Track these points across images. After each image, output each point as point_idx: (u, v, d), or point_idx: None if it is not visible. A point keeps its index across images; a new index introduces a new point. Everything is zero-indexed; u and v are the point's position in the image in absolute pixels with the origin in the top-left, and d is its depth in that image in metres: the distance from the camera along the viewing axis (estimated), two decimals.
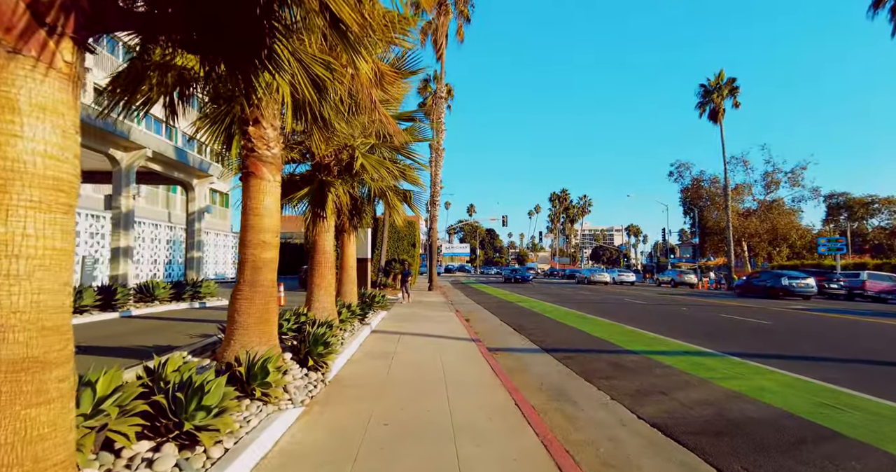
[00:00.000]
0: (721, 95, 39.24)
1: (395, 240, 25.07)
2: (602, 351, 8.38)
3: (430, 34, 29.21)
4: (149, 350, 6.47)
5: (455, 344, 8.58)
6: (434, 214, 29.59)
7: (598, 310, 16.15)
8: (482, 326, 12.00)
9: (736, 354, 7.94)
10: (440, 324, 11.36)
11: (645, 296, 25.30)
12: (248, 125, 4.74)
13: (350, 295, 10.34)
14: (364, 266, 14.32)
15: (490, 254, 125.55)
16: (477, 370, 6.50)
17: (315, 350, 5.49)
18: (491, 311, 15.85)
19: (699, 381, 6.13)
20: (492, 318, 13.85)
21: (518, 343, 9.40)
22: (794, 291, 23.04)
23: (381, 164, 6.94)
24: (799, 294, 22.97)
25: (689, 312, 16.00)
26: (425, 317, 12.69)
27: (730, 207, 40.45)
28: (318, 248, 7.39)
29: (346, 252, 10.30)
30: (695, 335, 10.14)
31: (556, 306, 17.54)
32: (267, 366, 3.98)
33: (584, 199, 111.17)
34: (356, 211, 8.95)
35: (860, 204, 62.39)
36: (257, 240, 4.73)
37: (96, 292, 9.74)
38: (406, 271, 16.53)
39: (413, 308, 15.22)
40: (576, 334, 10.54)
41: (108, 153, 10.02)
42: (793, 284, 23.17)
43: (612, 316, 14.09)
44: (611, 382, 6.22)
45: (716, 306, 18.52)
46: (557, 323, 12.50)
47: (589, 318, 13.65)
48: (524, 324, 12.25)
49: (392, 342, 8.48)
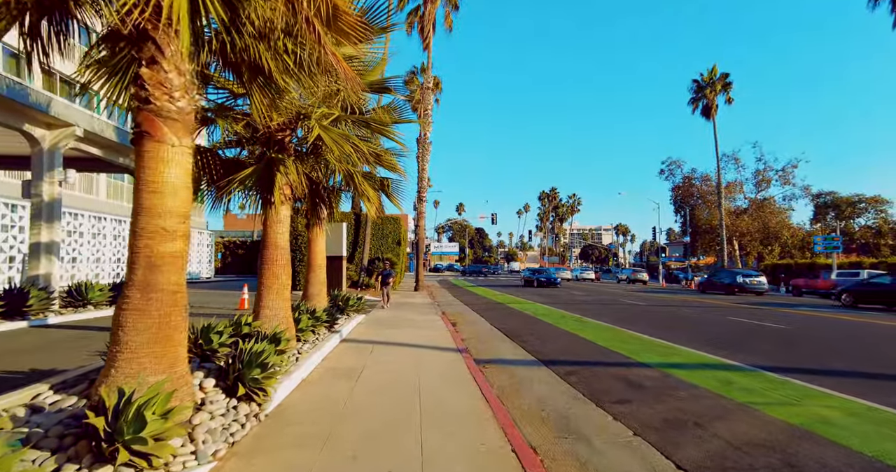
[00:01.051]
0: (714, 90, 38.53)
1: (378, 237, 23.64)
2: (610, 364, 7.16)
3: (416, 23, 27.86)
4: (9, 379, 5.06)
5: (438, 356, 7.30)
6: (421, 210, 28.28)
7: (592, 312, 14.98)
8: (470, 331, 10.74)
9: (767, 368, 6.77)
10: (423, 330, 10.06)
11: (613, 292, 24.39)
12: (140, 66, 3.39)
13: (318, 298, 8.98)
14: (338, 265, 12.85)
15: (479, 253, 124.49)
16: (462, 394, 5.22)
17: (249, 374, 4.16)
18: (480, 313, 14.59)
19: (738, 407, 4.92)
20: (481, 321, 12.59)
21: (511, 353, 8.15)
22: (748, 287, 25.42)
23: (345, 139, 5.61)
24: (752, 291, 25.35)
25: (685, 313, 14.93)
26: (407, 321, 11.38)
27: (723, 204, 39.74)
28: (267, 241, 6.04)
29: (313, 249, 8.95)
30: (701, 340, 9.01)
31: (550, 308, 16.35)
32: (143, 412, 2.65)
33: (574, 197, 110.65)
34: (320, 199, 7.60)
35: (847, 203, 62.27)
36: (154, 227, 3.39)
37: None
38: (386, 271, 14.22)
39: (395, 311, 13.89)
40: (576, 341, 9.33)
41: (24, 130, 8.38)
42: (746, 281, 25.50)
43: (609, 319, 12.92)
44: (628, 407, 4.99)
45: (696, 302, 17.55)
46: (554, 328, 11.28)
47: (589, 322, 12.46)
48: (517, 329, 11.01)
49: (363, 355, 7.16)
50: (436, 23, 27.48)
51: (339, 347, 7.75)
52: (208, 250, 30.41)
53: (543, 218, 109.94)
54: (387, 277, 14.16)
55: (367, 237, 21.92)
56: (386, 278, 14.11)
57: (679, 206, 52.33)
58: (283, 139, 6.17)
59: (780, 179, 45.87)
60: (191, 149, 3.64)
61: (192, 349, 4.62)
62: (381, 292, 14.20)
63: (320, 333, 7.84)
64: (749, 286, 25.43)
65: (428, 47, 27.83)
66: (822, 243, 27.83)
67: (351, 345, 8.00)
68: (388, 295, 14.30)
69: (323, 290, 9.08)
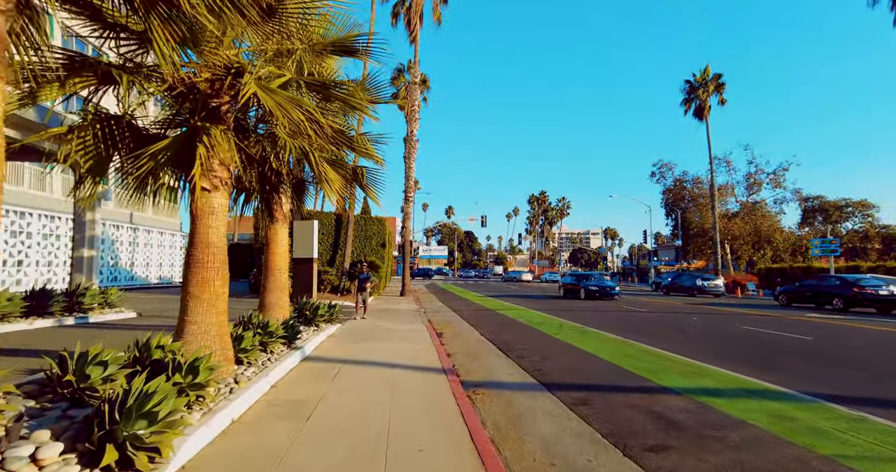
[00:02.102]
0: (707, 91, 37.88)
1: (361, 239, 22.19)
2: (628, 389, 5.87)
3: (402, 14, 26.60)
4: None
5: (418, 380, 5.95)
6: (408, 211, 26.92)
7: (591, 320, 13.75)
8: (458, 343, 9.41)
9: (824, 396, 5.53)
10: (404, 343, 8.69)
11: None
12: None
13: (276, 308, 7.58)
14: (307, 268, 11.33)
15: (468, 257, 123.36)
16: (445, 442, 3.88)
17: (126, 430, 2.78)
18: (469, 321, 13.27)
19: (824, 462, 3.65)
20: (470, 331, 11.26)
21: (506, 373, 6.83)
22: (706, 290, 28.03)
23: (295, 105, 4.25)
24: (710, 292, 27.93)
25: (692, 322, 13.79)
26: (387, 333, 10.00)
27: (716, 207, 39.05)
28: (195, 239, 4.63)
29: (272, 249, 7.56)
30: (724, 356, 7.80)
31: (544, 315, 15.09)
32: None
33: (563, 201, 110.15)
34: (272, 187, 6.22)
35: (835, 207, 62.50)
36: None
37: None
38: (363, 275, 12.02)
39: (375, 320, 12.49)
40: (581, 356, 8.04)
41: None
42: (705, 284, 28.32)
43: (612, 329, 11.69)
44: (668, 459, 3.70)
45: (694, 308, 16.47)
46: (552, 340, 9.99)
47: (591, 331, 11.20)
48: (510, 340, 9.70)
49: (323, 380, 5.78)
50: (423, 15, 26.27)
51: (298, 369, 6.35)
52: (181, 252, 28.66)
53: (533, 221, 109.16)
54: (363, 281, 12.07)
55: (350, 239, 20.48)
56: (362, 283, 12.05)
57: (670, 209, 51.71)
58: (219, 107, 4.80)
59: (770, 182, 45.38)
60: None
61: (57, 390, 3.22)
62: (356, 300, 12.23)
63: (275, 351, 6.44)
64: (708, 289, 27.97)
65: (415, 40, 26.59)
66: (819, 247, 27.08)
67: (313, 366, 6.61)
68: (364, 303, 12.29)
69: (283, 297, 7.68)
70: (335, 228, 21.50)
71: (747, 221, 44.80)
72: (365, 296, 12.18)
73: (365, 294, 12.14)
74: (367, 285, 12.15)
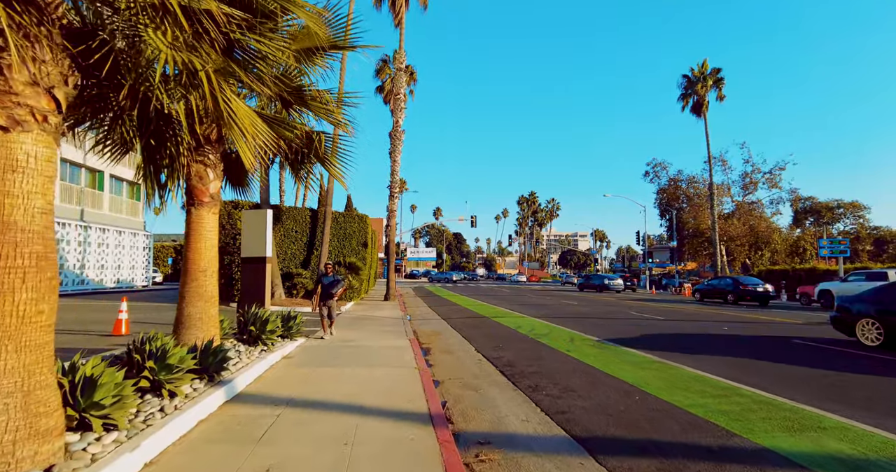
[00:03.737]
0: (705, 86, 36.51)
1: (340, 238, 19.98)
2: (711, 454, 3.85)
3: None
4: None
5: (390, 438, 3.87)
6: (393, 208, 24.82)
7: (606, 331, 11.81)
8: (449, 365, 7.36)
9: None
10: (378, 368, 6.61)
11: (608, 301, 21.41)
12: None
13: (201, 324, 5.44)
14: (258, 271, 8.93)
15: (457, 259, 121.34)
16: None
17: None
18: (461, 332, 11.23)
19: None
20: (463, 346, 9.22)
21: (519, 418, 4.78)
22: (610, 287, 36.33)
23: None
24: (613, 289, 36.24)
25: (738, 334, 11.94)
26: (360, 351, 7.91)
27: (715, 206, 37.63)
28: None
29: (194, 243, 5.42)
30: (828, 393, 5.89)
31: (547, 323, 13.12)
32: None
33: (553, 202, 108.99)
34: (160, 137, 4.09)
35: (826, 208, 61.93)
36: None
37: None
38: (329, 278, 9.01)
39: (351, 331, 10.37)
40: (615, 388, 6.04)
41: None
42: (610, 283, 36.84)
43: (640, 345, 9.75)
44: None
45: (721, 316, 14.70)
46: (567, 359, 7.99)
47: (612, 348, 9.24)
48: (515, 360, 7.68)
49: (244, 442, 3.69)
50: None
51: (212, 419, 4.24)
52: (145, 253, 26.14)
53: (522, 223, 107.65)
54: (329, 286, 8.90)
55: (326, 237, 18.28)
56: (328, 289, 8.89)
57: (665, 209, 50.33)
58: None
59: (767, 181, 44.11)
60: None
61: None
62: (319, 313, 9.07)
63: (180, 392, 4.31)
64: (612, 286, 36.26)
65: (400, 24, 24.52)
66: (828, 247, 25.63)
67: (238, 412, 4.50)
68: (331, 317, 9.08)
69: (209, 309, 5.54)
70: (310, 225, 19.29)
71: (744, 221, 43.55)
72: (331, 305, 8.98)
73: (331, 303, 8.96)
74: (334, 291, 8.92)
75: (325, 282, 8.97)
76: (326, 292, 8.91)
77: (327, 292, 8.91)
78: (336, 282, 9.03)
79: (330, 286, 8.94)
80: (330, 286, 8.94)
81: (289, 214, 18.95)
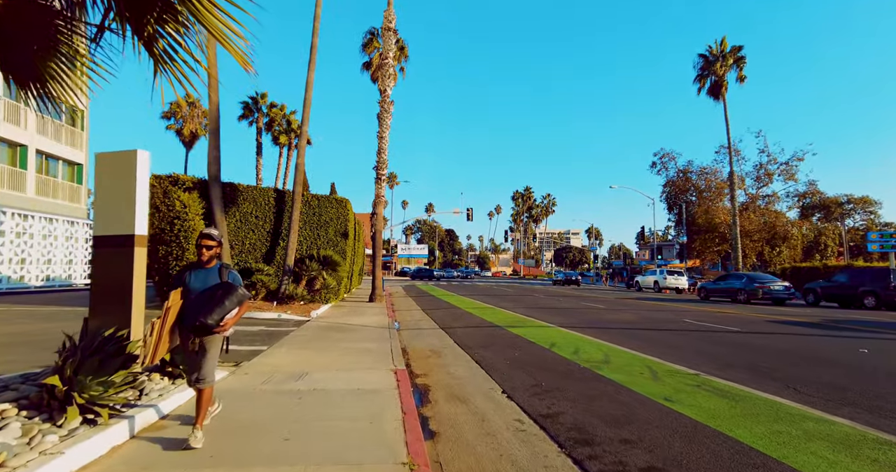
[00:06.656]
0: (725, 65, 33.27)
1: (314, 226, 16.32)
2: None
3: None
4: None
5: None
6: (380, 193, 21.11)
7: (663, 347, 8.35)
8: (466, 435, 3.81)
9: None
10: (326, 466, 3.05)
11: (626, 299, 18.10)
12: None
13: None
14: (122, 258, 4.19)
15: (449, 256, 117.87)
16: None
17: None
18: (473, 354, 7.68)
19: None
20: (479, 382, 5.68)
21: None
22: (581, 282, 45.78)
23: None
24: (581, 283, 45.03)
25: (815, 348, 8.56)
26: (314, 387, 4.34)
27: (735, 197, 34.43)
28: None
29: None
30: None
31: (594, 340, 9.64)
32: None
33: (548, 198, 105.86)
34: None
35: (836, 204, 59.32)
36: None
37: None
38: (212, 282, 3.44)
39: (300, 352, 6.81)
40: None
41: None
42: (578, 278, 47.40)
43: (712, 366, 6.30)
44: None
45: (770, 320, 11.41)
46: (681, 419, 4.49)
47: (735, 392, 5.76)
48: (586, 425, 4.18)
49: None
50: None
51: None
52: (85, 245, 22.18)
53: (517, 219, 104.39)
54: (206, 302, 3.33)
55: (295, 223, 14.56)
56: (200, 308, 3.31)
57: (672, 203, 47.20)
58: None
59: (782, 173, 40.90)
60: None
61: None
62: (186, 358, 3.56)
63: None
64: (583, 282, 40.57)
65: None
66: (877, 242, 22.55)
67: None
68: (205, 379, 3.40)
69: None
70: (276, 209, 15.58)
71: (759, 214, 40.56)
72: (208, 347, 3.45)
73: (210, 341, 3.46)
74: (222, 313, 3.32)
75: (192, 287, 3.46)
76: (195, 311, 3.33)
77: (197, 314, 3.31)
78: (226, 290, 3.39)
79: (207, 301, 3.34)
80: (207, 301, 3.34)
81: (247, 194, 15.19)
